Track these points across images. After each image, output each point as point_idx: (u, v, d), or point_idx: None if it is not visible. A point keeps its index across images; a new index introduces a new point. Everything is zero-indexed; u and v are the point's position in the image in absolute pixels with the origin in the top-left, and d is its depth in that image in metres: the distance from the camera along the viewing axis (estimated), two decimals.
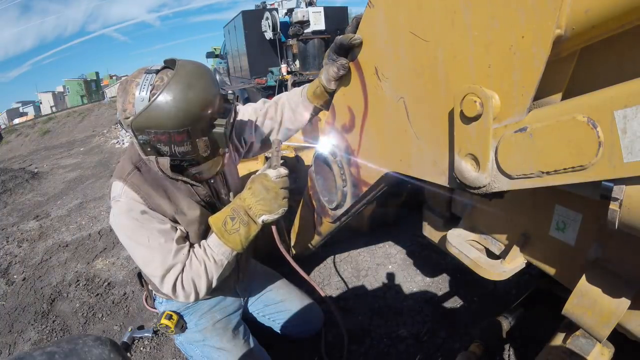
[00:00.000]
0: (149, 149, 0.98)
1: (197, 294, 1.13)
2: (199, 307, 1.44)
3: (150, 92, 0.92)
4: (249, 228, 1.11)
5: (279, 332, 1.62)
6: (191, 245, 1.17)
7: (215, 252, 1.13)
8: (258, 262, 1.75)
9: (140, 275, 1.48)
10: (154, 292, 1.47)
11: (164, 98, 0.91)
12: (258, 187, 1.10)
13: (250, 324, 1.57)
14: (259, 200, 1.09)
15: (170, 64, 0.99)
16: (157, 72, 0.96)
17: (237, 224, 1.10)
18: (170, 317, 1.37)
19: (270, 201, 1.09)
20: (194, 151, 1.00)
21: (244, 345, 1.39)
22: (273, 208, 1.10)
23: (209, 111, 0.98)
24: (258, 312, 1.62)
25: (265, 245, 2.08)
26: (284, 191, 1.12)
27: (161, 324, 1.36)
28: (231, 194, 1.33)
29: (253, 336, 1.49)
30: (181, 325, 1.40)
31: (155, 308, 1.52)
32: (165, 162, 1.01)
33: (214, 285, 1.16)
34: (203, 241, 1.17)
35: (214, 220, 1.13)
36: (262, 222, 1.12)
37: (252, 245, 1.52)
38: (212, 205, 1.24)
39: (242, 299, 1.57)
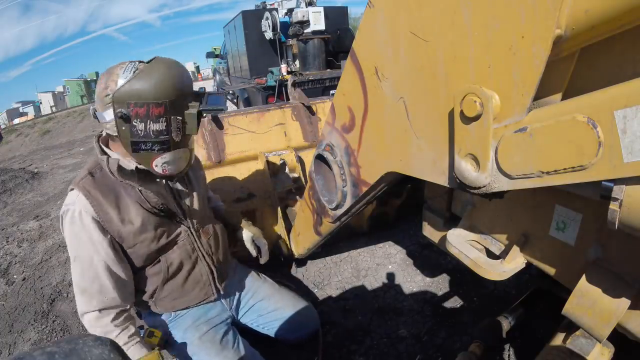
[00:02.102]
0: (123, 129, 1.01)
1: None
2: (182, 321, 1.39)
3: (132, 72, 0.99)
4: None
5: (275, 337, 1.59)
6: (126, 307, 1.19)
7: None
8: (246, 267, 1.70)
9: None
10: (137, 308, 1.42)
11: (147, 72, 0.98)
12: None
13: (244, 329, 1.55)
14: None
15: (152, 59, 1.06)
16: (140, 62, 1.03)
17: None
18: (152, 335, 1.29)
19: None
20: (167, 131, 1.03)
21: (234, 354, 1.34)
22: None
23: (185, 91, 1.04)
24: (252, 323, 1.58)
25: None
26: None
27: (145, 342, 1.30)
28: (191, 204, 1.32)
29: (245, 340, 1.44)
30: (165, 340, 1.34)
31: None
32: (114, 162, 1.08)
33: None
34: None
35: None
36: None
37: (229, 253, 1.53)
38: (167, 212, 1.22)
39: (229, 308, 1.53)
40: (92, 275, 1.11)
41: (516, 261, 1.00)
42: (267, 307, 1.56)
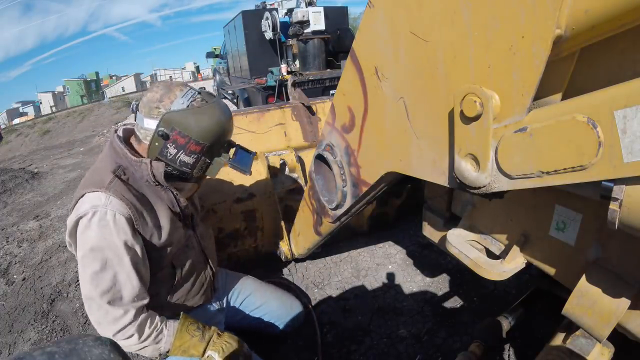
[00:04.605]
0: (156, 144, 1.06)
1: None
2: None
3: (190, 102, 1.05)
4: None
5: (264, 331, 1.62)
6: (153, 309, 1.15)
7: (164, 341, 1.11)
8: (227, 270, 1.70)
9: None
10: None
11: (201, 111, 1.05)
12: None
13: (236, 327, 1.55)
14: None
15: (206, 93, 1.12)
16: (199, 92, 1.09)
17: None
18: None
19: None
20: (193, 166, 1.12)
21: None
22: None
23: (223, 140, 1.14)
24: (243, 320, 1.60)
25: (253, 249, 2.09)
26: None
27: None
28: (194, 208, 1.36)
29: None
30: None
31: None
32: (160, 166, 1.09)
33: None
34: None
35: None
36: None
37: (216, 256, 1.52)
38: (187, 219, 1.27)
39: (222, 311, 1.54)
40: (124, 278, 1.05)
41: (516, 261, 1.00)
42: (255, 302, 1.61)
